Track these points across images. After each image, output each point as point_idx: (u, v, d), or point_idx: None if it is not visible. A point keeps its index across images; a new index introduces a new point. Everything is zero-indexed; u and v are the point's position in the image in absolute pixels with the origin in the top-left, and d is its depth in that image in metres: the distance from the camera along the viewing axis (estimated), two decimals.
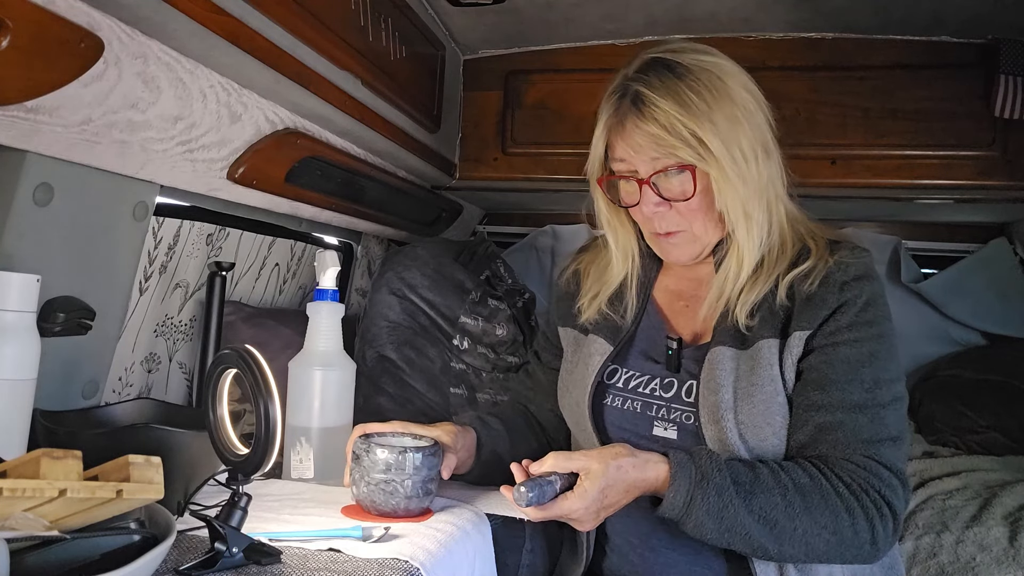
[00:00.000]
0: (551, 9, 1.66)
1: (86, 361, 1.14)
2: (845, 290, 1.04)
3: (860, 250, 1.09)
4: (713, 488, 0.94)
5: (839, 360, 1.02)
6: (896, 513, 0.97)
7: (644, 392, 1.12)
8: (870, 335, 1.03)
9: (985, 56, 1.61)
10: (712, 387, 1.04)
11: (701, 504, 0.94)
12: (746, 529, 0.94)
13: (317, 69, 1.14)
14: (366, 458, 1.01)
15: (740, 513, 0.94)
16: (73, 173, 1.01)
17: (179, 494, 0.95)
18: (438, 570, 0.89)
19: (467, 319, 1.67)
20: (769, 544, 0.95)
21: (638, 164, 1.07)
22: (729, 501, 0.94)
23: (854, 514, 0.95)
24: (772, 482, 0.96)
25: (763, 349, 1.04)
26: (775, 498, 0.95)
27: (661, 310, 1.20)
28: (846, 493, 0.96)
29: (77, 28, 0.80)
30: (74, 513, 0.67)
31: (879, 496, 0.97)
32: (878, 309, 1.05)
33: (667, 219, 1.09)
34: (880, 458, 0.98)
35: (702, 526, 0.95)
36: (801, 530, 0.95)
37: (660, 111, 1.02)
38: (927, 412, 1.90)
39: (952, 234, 2.18)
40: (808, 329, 1.03)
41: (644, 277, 1.21)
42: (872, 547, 0.96)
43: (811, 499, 0.96)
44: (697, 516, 0.95)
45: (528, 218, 2.44)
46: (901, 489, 0.99)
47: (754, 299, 1.06)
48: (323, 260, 1.29)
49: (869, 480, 0.97)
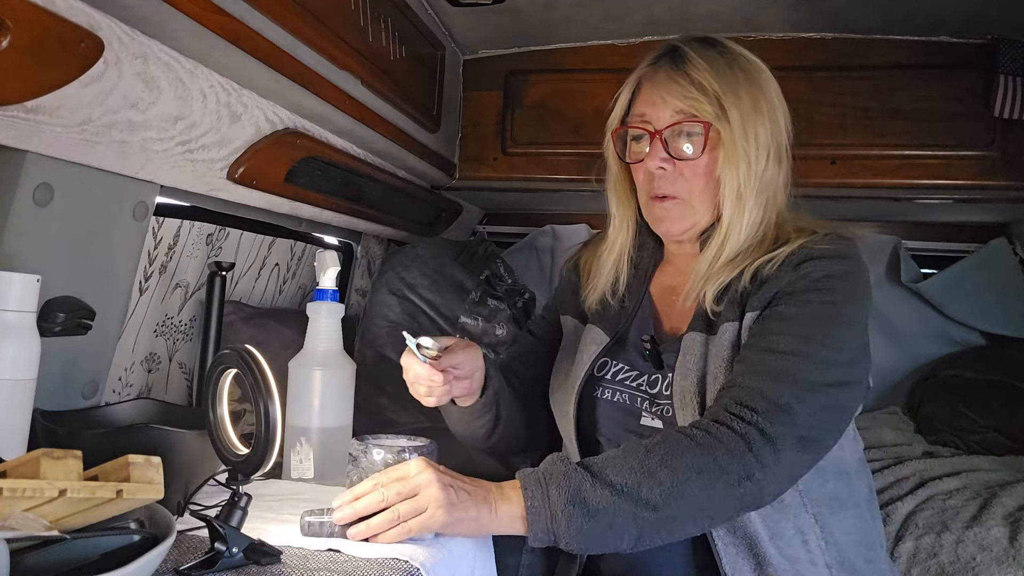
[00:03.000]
0: (551, 9, 1.66)
1: (86, 361, 1.14)
2: (800, 268, 1.02)
3: (835, 236, 1.06)
4: (561, 475, 0.91)
5: (774, 316, 1.00)
6: (771, 437, 0.91)
7: (632, 386, 1.13)
8: (815, 300, 1.00)
9: (985, 56, 1.61)
10: (683, 372, 1.04)
11: (557, 494, 0.90)
12: (610, 500, 0.89)
13: (317, 69, 1.14)
14: (364, 459, 1.01)
15: (597, 487, 0.90)
16: (73, 173, 1.01)
17: (179, 494, 0.95)
18: (438, 570, 0.89)
19: (467, 319, 1.67)
20: (644, 511, 0.89)
21: (657, 117, 1.09)
22: (582, 479, 0.90)
23: (712, 448, 0.90)
24: (623, 452, 0.94)
25: (726, 332, 1.04)
26: (629, 461, 0.91)
27: (655, 305, 1.20)
28: (700, 434, 0.92)
29: (77, 28, 0.80)
30: (74, 513, 0.67)
31: (744, 423, 0.91)
32: (836, 282, 1.01)
33: (668, 179, 1.10)
34: (764, 390, 0.93)
35: (572, 519, 0.89)
36: (665, 483, 0.90)
37: (693, 67, 1.07)
38: (927, 412, 1.90)
39: (952, 234, 2.18)
40: (759, 308, 1.02)
41: (642, 268, 1.22)
42: (750, 480, 0.90)
43: (665, 449, 0.92)
44: (560, 509, 0.90)
45: (528, 218, 2.44)
46: (782, 416, 0.92)
47: (720, 284, 1.06)
48: (323, 260, 1.29)
49: (736, 411, 0.93)
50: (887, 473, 1.61)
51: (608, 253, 1.21)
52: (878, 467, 1.63)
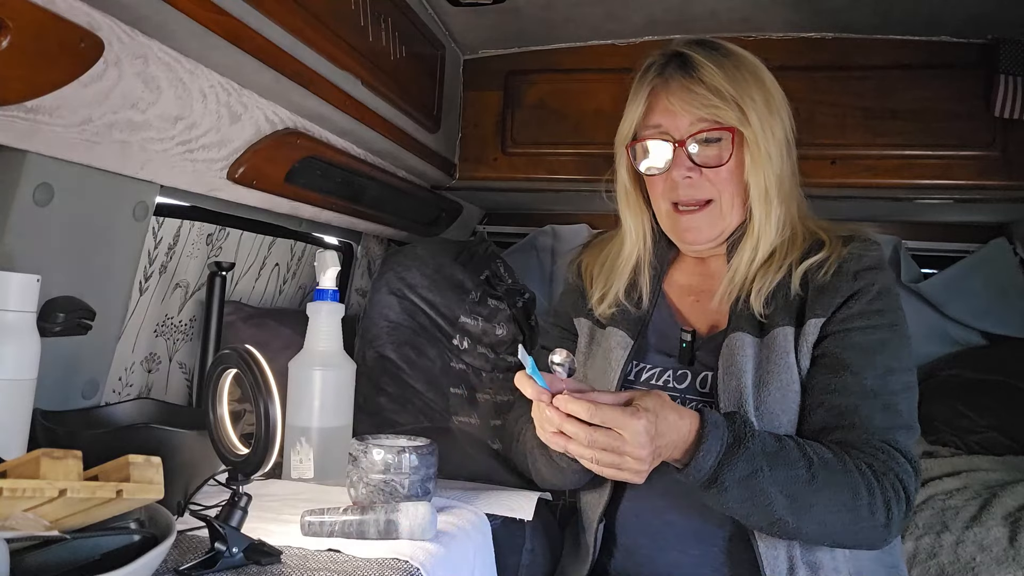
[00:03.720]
0: (551, 9, 1.66)
1: (86, 361, 1.14)
2: (858, 279, 1.05)
3: (872, 243, 1.11)
4: (744, 454, 0.92)
5: (852, 346, 1.03)
6: (910, 498, 0.98)
7: (657, 384, 1.13)
8: (882, 323, 1.04)
9: (985, 56, 1.61)
10: (733, 372, 1.04)
11: (729, 470, 0.92)
12: (768, 499, 0.93)
13: (317, 69, 1.14)
14: (364, 459, 1.01)
15: (766, 483, 0.92)
16: (73, 173, 1.01)
17: (179, 494, 0.95)
18: (438, 570, 0.89)
19: (467, 319, 1.67)
20: (788, 517, 0.94)
21: (676, 126, 1.09)
22: (759, 468, 0.92)
23: (873, 494, 0.95)
24: (798, 454, 0.96)
25: (779, 337, 1.05)
26: (800, 471, 0.94)
27: (672, 303, 1.20)
28: (868, 472, 0.96)
29: (77, 28, 0.80)
30: (74, 513, 0.67)
31: (896, 479, 0.97)
32: (890, 299, 1.07)
33: (696, 187, 1.10)
34: (896, 444, 0.99)
35: (725, 492, 0.92)
36: (821, 506, 0.94)
37: (707, 73, 1.07)
38: (927, 412, 1.89)
39: (952, 234, 2.18)
40: (823, 316, 1.05)
41: (657, 268, 1.21)
42: (885, 529, 0.96)
43: (834, 475, 0.95)
44: (724, 480, 0.92)
45: (528, 218, 2.44)
46: (914, 475, 0.99)
47: (768, 286, 1.08)
48: (323, 260, 1.29)
49: (888, 463, 0.97)
50: None
51: (625, 263, 1.21)
52: None
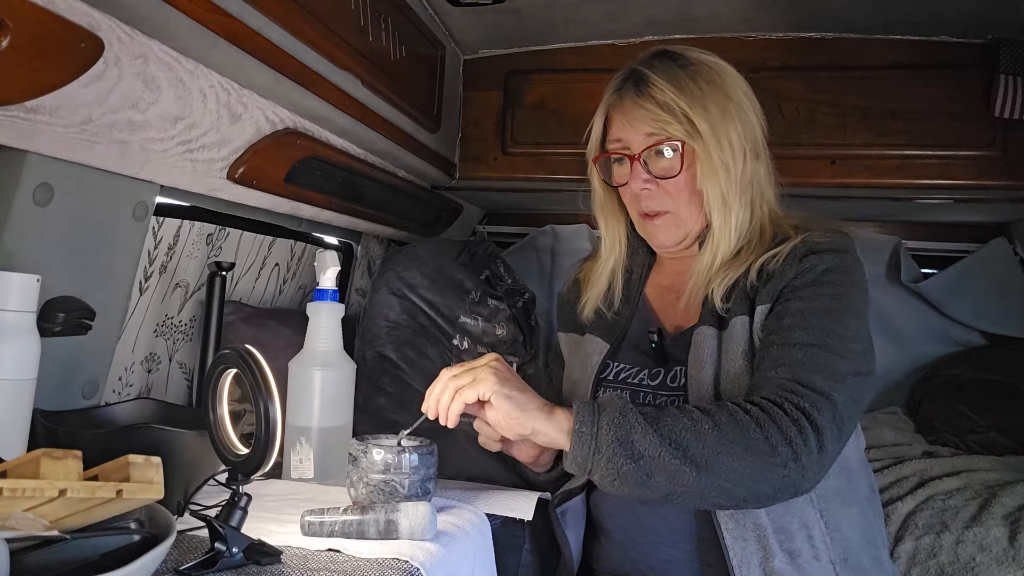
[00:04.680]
0: (551, 9, 1.66)
1: (86, 361, 1.14)
2: (804, 262, 1.06)
3: (833, 231, 1.11)
4: (616, 411, 0.92)
5: (789, 312, 1.03)
6: (818, 425, 0.92)
7: (632, 382, 1.15)
8: (825, 293, 1.03)
9: (985, 56, 1.60)
10: (697, 364, 1.07)
11: (607, 430, 0.91)
12: (657, 451, 0.90)
13: (317, 69, 1.14)
14: (364, 459, 1.01)
15: (648, 434, 0.90)
16: (73, 173, 1.01)
17: (179, 494, 0.95)
18: (438, 570, 0.89)
19: (467, 319, 1.67)
20: (687, 469, 0.90)
21: (632, 141, 1.13)
22: (635, 422, 0.91)
23: (764, 426, 0.91)
24: (677, 410, 0.94)
25: (736, 326, 1.07)
26: (683, 420, 0.92)
27: (651, 305, 1.23)
28: (755, 410, 0.93)
29: (77, 28, 0.80)
30: (74, 513, 0.67)
31: (794, 408, 0.93)
32: (840, 275, 1.05)
33: (654, 198, 1.14)
34: (800, 377, 0.96)
35: (614, 457, 0.91)
36: (712, 448, 0.90)
37: (657, 89, 1.10)
38: (927, 412, 1.89)
39: (952, 234, 2.18)
40: (768, 302, 1.06)
41: (636, 272, 1.25)
42: (797, 464, 0.91)
43: (718, 418, 0.92)
44: (606, 444, 0.91)
45: (528, 218, 2.44)
46: (825, 403, 0.94)
47: (727, 282, 1.10)
48: (323, 260, 1.29)
49: (783, 395, 0.94)
50: (887, 473, 1.61)
51: (603, 268, 1.25)
52: (878, 467, 1.63)
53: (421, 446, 1.03)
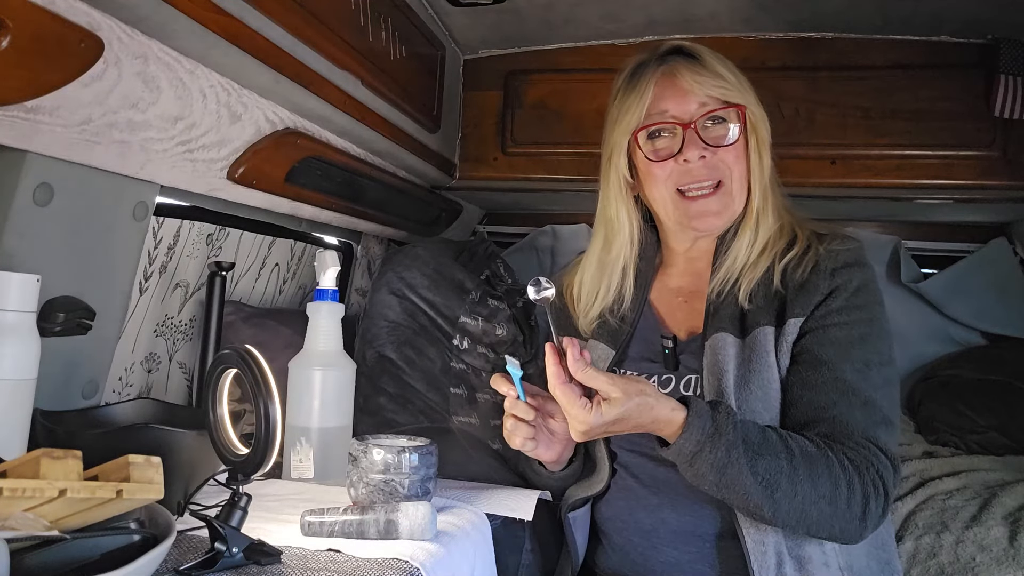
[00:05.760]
0: (551, 9, 1.66)
1: (86, 361, 1.14)
2: (835, 276, 1.07)
3: (849, 239, 1.12)
4: (723, 443, 0.94)
5: (830, 341, 1.04)
6: (888, 494, 0.99)
7: None
8: (860, 319, 1.06)
9: (985, 56, 1.61)
10: (716, 372, 1.06)
11: (708, 457, 0.94)
12: (745, 489, 0.95)
13: (317, 69, 1.14)
14: (364, 459, 1.01)
15: (743, 473, 0.94)
16: (73, 173, 1.01)
17: (179, 494, 0.95)
18: (438, 570, 0.89)
19: (467, 319, 1.67)
20: (765, 505, 0.95)
21: (686, 109, 1.12)
22: (736, 459, 0.94)
23: (852, 488, 0.96)
24: (780, 446, 0.97)
25: (760, 336, 1.06)
26: (781, 462, 0.96)
27: (657, 310, 1.21)
28: (849, 467, 0.97)
29: (77, 28, 0.80)
30: (74, 513, 0.67)
31: (876, 475, 0.98)
32: (868, 295, 1.08)
33: (709, 166, 1.12)
34: (877, 440, 1.01)
35: (702, 477, 0.96)
36: (800, 496, 0.95)
37: (713, 61, 1.13)
38: (927, 412, 1.89)
39: (952, 234, 2.18)
40: (802, 315, 1.06)
41: (643, 273, 1.22)
42: (860, 523, 0.98)
43: (816, 467, 0.96)
44: (700, 467, 0.95)
45: (528, 218, 2.44)
46: (893, 472, 1.00)
47: (756, 277, 1.10)
48: (323, 260, 1.29)
49: (868, 459, 0.99)
50: None
51: (614, 266, 1.21)
52: None
53: (421, 446, 1.03)
